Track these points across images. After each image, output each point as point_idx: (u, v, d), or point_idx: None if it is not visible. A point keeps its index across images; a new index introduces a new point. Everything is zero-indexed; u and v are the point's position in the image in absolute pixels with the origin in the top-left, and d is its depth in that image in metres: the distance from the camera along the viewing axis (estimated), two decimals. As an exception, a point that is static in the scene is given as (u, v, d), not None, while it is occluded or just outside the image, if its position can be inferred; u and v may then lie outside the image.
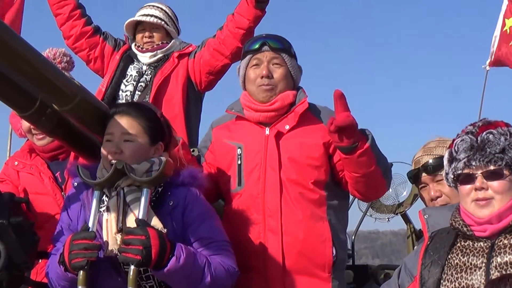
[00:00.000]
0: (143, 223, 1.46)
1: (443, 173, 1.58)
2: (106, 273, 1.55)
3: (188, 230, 1.61)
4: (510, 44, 4.05)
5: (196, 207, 1.64)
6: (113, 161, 1.55)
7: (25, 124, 2.09)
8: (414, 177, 2.11)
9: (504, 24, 4.14)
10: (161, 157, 1.63)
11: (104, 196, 1.60)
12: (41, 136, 2.09)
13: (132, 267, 1.42)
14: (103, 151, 1.63)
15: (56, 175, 2.14)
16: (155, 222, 1.53)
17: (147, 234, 1.41)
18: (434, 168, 2.01)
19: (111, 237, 1.52)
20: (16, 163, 2.19)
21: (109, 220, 1.55)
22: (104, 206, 1.59)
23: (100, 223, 1.58)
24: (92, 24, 2.77)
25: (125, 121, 1.63)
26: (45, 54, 2.49)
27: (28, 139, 2.24)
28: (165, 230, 1.51)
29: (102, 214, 1.58)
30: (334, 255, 1.87)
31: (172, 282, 1.51)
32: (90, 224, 1.52)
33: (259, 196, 1.87)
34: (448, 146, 1.63)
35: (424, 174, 2.04)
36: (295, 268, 1.84)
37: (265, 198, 1.86)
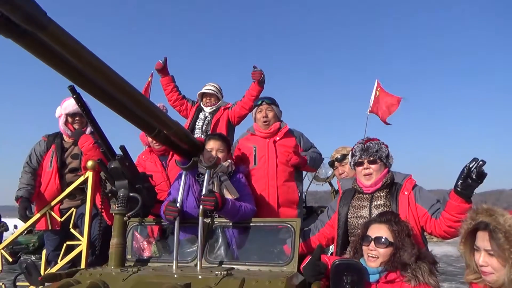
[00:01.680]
0: (212, 191, 2.84)
1: (347, 161, 3.23)
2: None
3: (238, 189, 3.12)
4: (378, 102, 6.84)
5: (242, 181, 3.25)
6: (211, 161, 3.00)
7: (149, 138, 3.91)
8: (331, 164, 3.98)
9: (376, 93, 6.93)
10: (228, 160, 3.26)
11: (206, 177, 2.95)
12: (157, 144, 3.93)
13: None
14: (206, 155, 3.24)
15: (162, 162, 4.00)
16: (226, 191, 3.04)
17: (215, 196, 2.77)
18: (341, 159, 3.90)
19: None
20: (143, 157, 4.12)
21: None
22: (210, 183, 3.03)
23: (193, 191, 3.12)
24: (181, 94, 4.86)
25: (218, 142, 3.29)
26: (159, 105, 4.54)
27: (149, 146, 4.19)
28: (232, 196, 3.00)
29: (202, 185, 2.99)
30: (298, 198, 3.67)
31: (226, 215, 2.90)
32: (180, 193, 2.89)
33: (265, 170, 3.63)
34: (350, 149, 3.23)
35: (336, 162, 3.93)
36: (282, 203, 3.58)
37: (268, 171, 3.63)
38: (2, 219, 14.19)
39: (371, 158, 2.79)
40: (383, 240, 2.30)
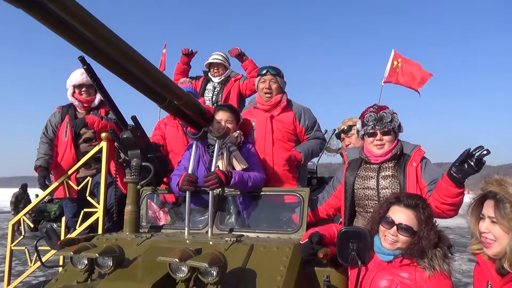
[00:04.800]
0: (214, 172, 2.83)
1: (355, 131, 3.03)
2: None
3: (248, 159, 3.15)
4: (397, 71, 6.99)
5: (251, 151, 3.27)
6: (220, 132, 3.02)
7: None
8: (338, 135, 3.96)
9: (393, 63, 6.98)
10: (237, 131, 3.25)
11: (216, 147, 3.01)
12: None
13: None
14: (215, 126, 3.23)
15: (183, 129, 3.94)
16: (235, 161, 3.08)
17: (215, 173, 2.78)
18: (347, 130, 3.80)
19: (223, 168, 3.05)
20: (166, 120, 4.11)
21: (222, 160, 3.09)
22: (220, 154, 3.07)
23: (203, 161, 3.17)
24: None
25: (227, 113, 3.27)
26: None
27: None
28: (243, 167, 3.05)
29: (212, 156, 3.04)
30: (298, 174, 3.66)
31: (236, 187, 2.95)
32: (191, 163, 2.94)
33: (262, 145, 3.54)
34: (356, 120, 3.09)
35: (342, 134, 3.85)
36: (280, 180, 3.54)
37: (265, 147, 3.54)
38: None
39: (385, 129, 2.70)
40: (407, 228, 2.14)
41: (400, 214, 2.18)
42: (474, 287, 2.02)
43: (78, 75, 4.22)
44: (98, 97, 4.27)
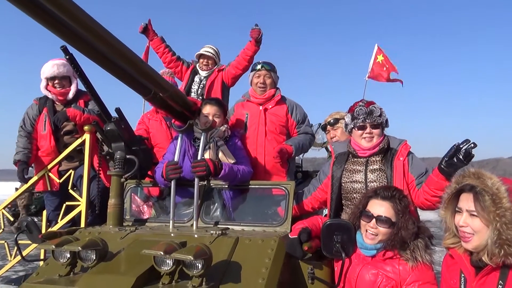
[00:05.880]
0: (203, 159, 2.82)
1: (342, 125, 3.23)
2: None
3: (235, 153, 3.15)
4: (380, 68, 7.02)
5: (238, 145, 3.26)
6: (207, 125, 2.99)
7: None
8: (324, 127, 3.96)
9: (376, 58, 7.02)
10: (224, 125, 3.24)
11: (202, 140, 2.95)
12: None
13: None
14: (202, 119, 3.20)
15: (167, 122, 3.95)
16: (222, 156, 3.06)
17: (204, 161, 2.77)
18: (333, 123, 3.83)
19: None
20: (148, 115, 4.11)
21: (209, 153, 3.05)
22: (207, 148, 3.04)
23: (189, 154, 3.12)
24: (176, 55, 4.69)
25: (214, 107, 3.25)
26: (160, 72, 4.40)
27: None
28: (230, 161, 3.02)
29: (197, 149, 2.95)
30: (288, 166, 3.70)
31: (226, 179, 2.93)
32: (176, 155, 2.89)
33: (254, 138, 3.61)
34: (343, 114, 3.32)
35: (328, 126, 3.86)
36: (270, 171, 3.60)
37: (257, 138, 3.61)
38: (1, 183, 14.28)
39: (375, 123, 2.76)
40: (386, 219, 2.20)
41: (378, 207, 2.24)
42: (443, 280, 2.02)
43: (50, 68, 4.04)
44: (73, 89, 4.12)
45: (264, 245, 2.28)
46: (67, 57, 2.60)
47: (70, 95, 4.11)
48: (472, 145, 2.29)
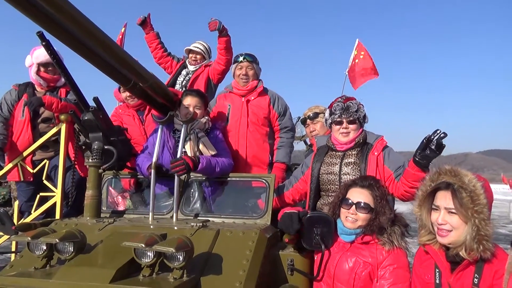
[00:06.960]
0: (181, 157, 2.77)
1: (321, 119, 3.40)
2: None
3: (215, 145, 3.13)
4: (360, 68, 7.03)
5: (219, 137, 3.25)
6: (188, 117, 2.96)
7: (124, 94, 3.81)
8: (303, 121, 4.00)
9: (359, 54, 7.06)
10: (205, 117, 3.21)
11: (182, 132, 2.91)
12: (132, 99, 3.82)
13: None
14: (183, 111, 3.15)
15: (140, 117, 3.90)
16: (203, 147, 3.04)
17: (182, 159, 2.73)
18: (313, 117, 3.88)
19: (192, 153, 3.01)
20: (120, 110, 4.00)
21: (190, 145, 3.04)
22: (187, 140, 3.03)
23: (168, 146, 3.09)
24: (167, 51, 4.76)
25: (195, 99, 3.21)
26: None
27: (123, 102, 4.07)
28: (211, 153, 3.01)
29: (177, 141, 2.96)
30: (270, 159, 3.72)
31: (204, 173, 2.91)
32: (155, 150, 2.83)
33: (236, 129, 3.64)
34: (323, 108, 3.49)
35: (308, 120, 3.92)
36: (252, 163, 3.64)
37: (239, 129, 3.64)
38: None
39: (351, 118, 2.86)
40: (365, 205, 2.30)
41: (357, 194, 2.36)
42: (415, 275, 2.08)
43: (44, 53, 3.87)
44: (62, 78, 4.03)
45: (245, 237, 2.30)
46: (44, 43, 2.52)
47: (62, 81, 4.03)
48: (442, 135, 2.36)
